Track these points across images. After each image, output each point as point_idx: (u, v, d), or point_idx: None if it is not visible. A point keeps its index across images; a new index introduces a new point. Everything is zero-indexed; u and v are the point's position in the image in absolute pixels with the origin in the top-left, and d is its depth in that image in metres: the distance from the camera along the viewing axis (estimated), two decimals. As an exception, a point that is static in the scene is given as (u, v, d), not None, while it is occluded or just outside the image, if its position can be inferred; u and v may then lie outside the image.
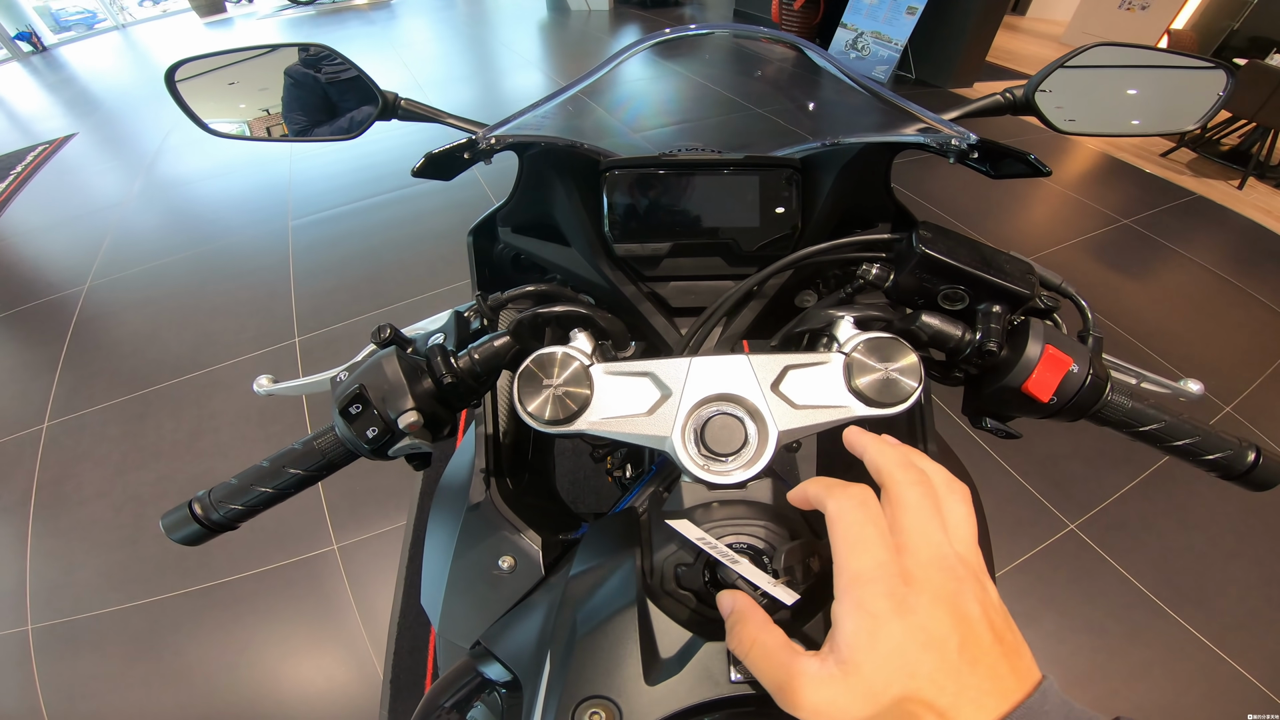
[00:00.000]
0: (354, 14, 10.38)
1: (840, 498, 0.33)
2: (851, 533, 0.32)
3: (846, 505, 0.33)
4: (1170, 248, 3.39)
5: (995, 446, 2.19)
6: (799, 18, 6.63)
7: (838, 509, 0.33)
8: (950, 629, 0.29)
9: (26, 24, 10.28)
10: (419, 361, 0.51)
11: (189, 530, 0.50)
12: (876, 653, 0.28)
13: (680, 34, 0.64)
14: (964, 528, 0.34)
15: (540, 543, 0.58)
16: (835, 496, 0.33)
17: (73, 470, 2.32)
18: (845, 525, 0.32)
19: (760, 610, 0.34)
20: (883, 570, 0.30)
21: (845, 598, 0.30)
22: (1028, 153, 0.51)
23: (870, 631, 0.29)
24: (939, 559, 0.31)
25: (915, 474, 0.34)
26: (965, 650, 0.28)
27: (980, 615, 0.30)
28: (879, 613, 0.29)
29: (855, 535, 0.32)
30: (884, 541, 0.31)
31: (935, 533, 0.32)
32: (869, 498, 0.33)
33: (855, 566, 0.31)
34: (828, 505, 0.34)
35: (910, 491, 0.33)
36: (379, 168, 4.30)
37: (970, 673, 0.28)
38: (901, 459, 0.36)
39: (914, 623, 0.29)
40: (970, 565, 0.32)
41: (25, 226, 4.24)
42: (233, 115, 0.68)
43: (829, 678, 0.29)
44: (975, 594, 0.30)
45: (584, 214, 0.67)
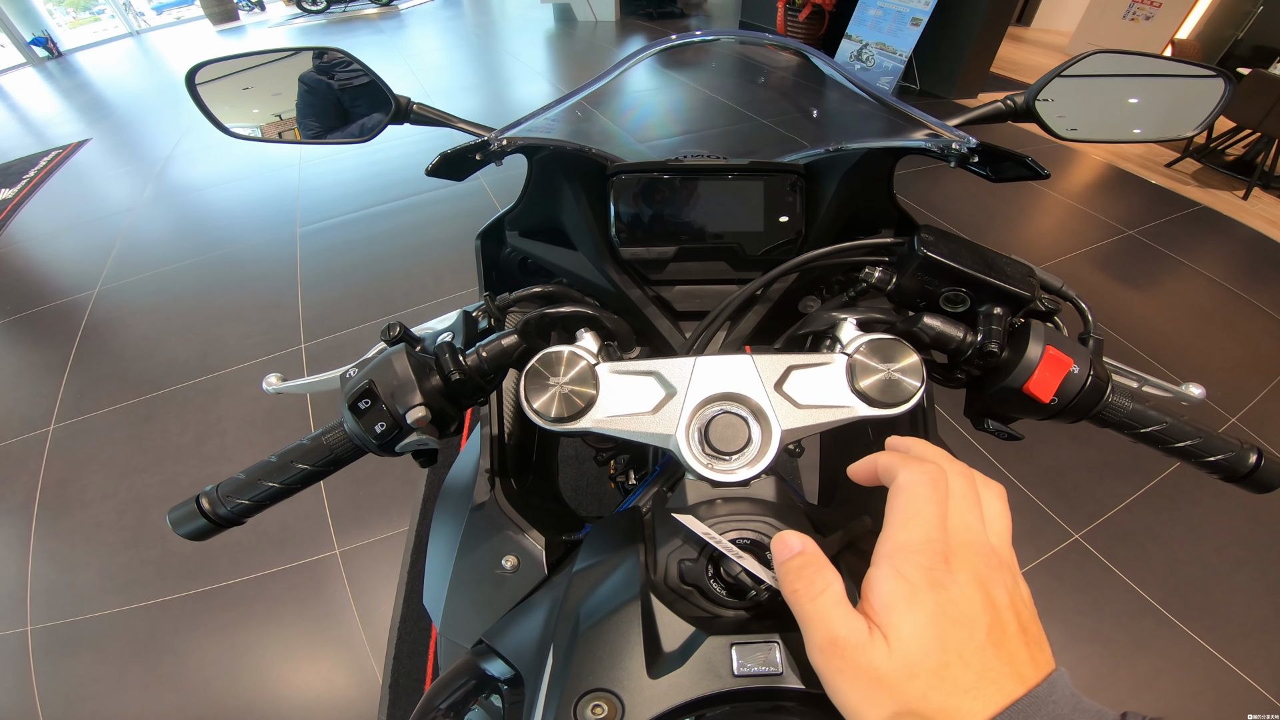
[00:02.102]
0: (363, 23, 10.50)
1: (915, 470, 0.34)
2: (911, 506, 0.33)
3: (918, 479, 0.34)
4: (1175, 258, 3.39)
5: (999, 455, 2.18)
6: (804, 29, 6.66)
7: (908, 480, 0.34)
8: (980, 610, 0.30)
9: (43, 29, 10.41)
10: (428, 359, 0.51)
11: (196, 525, 0.50)
12: (912, 619, 0.29)
13: (686, 40, 0.65)
14: (1000, 522, 0.35)
15: (544, 543, 0.59)
16: (910, 468, 0.34)
17: (78, 472, 2.33)
18: (909, 498, 0.33)
19: (825, 558, 0.34)
20: (929, 545, 0.31)
21: (884, 563, 0.31)
22: (1025, 155, 0.51)
23: (907, 598, 0.30)
24: (976, 545, 0.32)
25: (960, 466, 0.36)
26: (992, 633, 0.29)
27: (1008, 604, 0.31)
28: (916, 583, 0.30)
29: (914, 509, 0.33)
30: (939, 520, 0.32)
31: (975, 521, 0.33)
32: (940, 476, 0.34)
33: (903, 538, 0.32)
34: (899, 474, 0.34)
35: (956, 480, 0.35)
36: (387, 175, 4.34)
37: (994, 655, 0.29)
38: (947, 455, 0.37)
39: (947, 598, 0.30)
40: (1003, 557, 0.33)
41: (37, 231, 4.29)
42: (248, 119, 0.70)
43: (875, 642, 0.29)
44: (1006, 584, 0.32)
45: (591, 218, 0.68)
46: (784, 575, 0.34)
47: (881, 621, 0.30)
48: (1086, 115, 0.66)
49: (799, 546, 0.35)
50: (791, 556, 0.35)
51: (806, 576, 0.33)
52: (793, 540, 0.35)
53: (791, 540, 0.36)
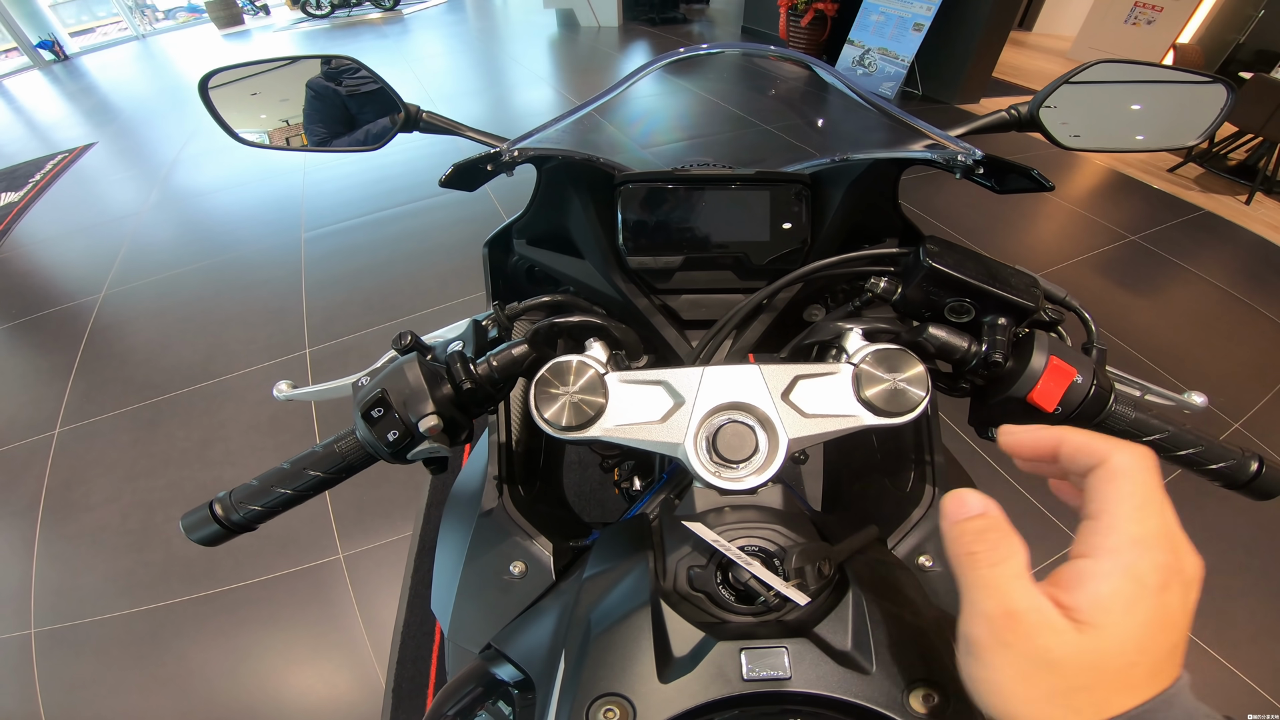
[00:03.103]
0: (367, 28, 10.54)
1: (1130, 451, 0.31)
2: (1140, 492, 0.30)
3: (1143, 464, 0.31)
4: (1178, 264, 3.39)
5: (1001, 462, 2.17)
6: (806, 34, 6.68)
7: (1131, 464, 0.30)
8: (1184, 615, 0.28)
9: (49, 32, 10.46)
10: (439, 368, 0.52)
11: (208, 530, 0.50)
12: (1130, 621, 0.27)
13: (693, 53, 0.66)
14: None
15: (551, 549, 0.59)
16: (1129, 451, 0.31)
17: (82, 476, 2.34)
18: (1136, 483, 0.30)
19: (1010, 525, 0.32)
20: (1165, 540, 0.29)
21: (1113, 558, 0.28)
22: (1031, 168, 0.52)
23: (1131, 599, 0.27)
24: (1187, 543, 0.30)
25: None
26: (1182, 637, 0.28)
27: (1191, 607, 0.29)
28: (1148, 584, 0.27)
29: (1144, 495, 0.29)
30: (1171, 511, 0.30)
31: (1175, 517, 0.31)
32: (1155, 460, 0.31)
33: (1137, 530, 0.29)
34: (1114, 457, 0.31)
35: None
36: (391, 181, 4.35)
37: (1170, 658, 0.28)
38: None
39: (1168, 601, 0.28)
40: None
41: (43, 235, 4.31)
42: (256, 125, 0.70)
43: (1061, 627, 0.27)
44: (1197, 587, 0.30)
45: (598, 227, 0.68)
46: (959, 535, 0.32)
47: (1089, 615, 0.27)
48: (1090, 124, 0.66)
49: (981, 508, 0.32)
50: (972, 517, 0.32)
51: (990, 541, 0.31)
52: (974, 500, 0.33)
53: (972, 500, 0.33)
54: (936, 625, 0.41)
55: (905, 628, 0.39)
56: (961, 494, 0.33)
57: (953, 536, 0.32)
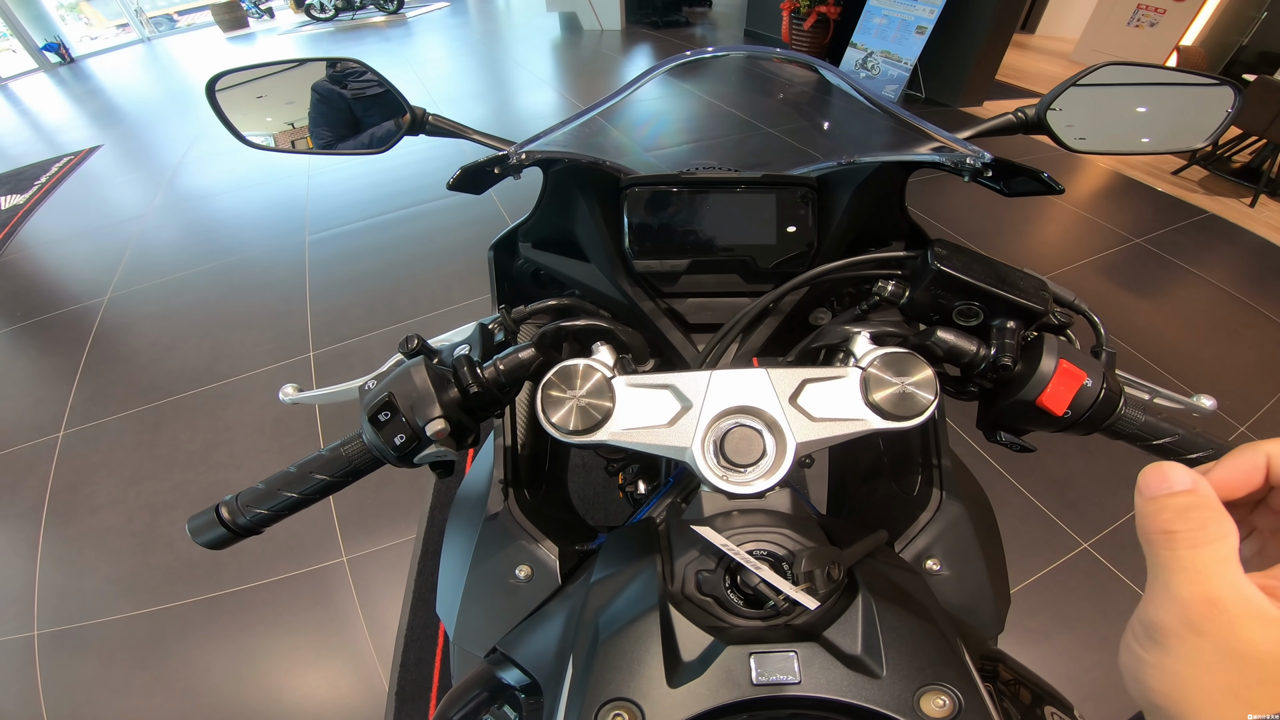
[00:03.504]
0: (371, 30, 10.57)
1: None
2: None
3: None
4: (1183, 266, 3.38)
5: (1007, 465, 2.17)
6: (809, 37, 6.69)
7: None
8: None
9: (55, 35, 10.50)
10: (446, 371, 0.52)
11: (215, 534, 0.50)
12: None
13: (699, 56, 0.66)
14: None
15: (557, 552, 0.59)
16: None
17: (87, 478, 2.34)
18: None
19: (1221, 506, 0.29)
20: None
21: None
22: (1041, 170, 0.52)
23: None
24: None
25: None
26: None
27: None
28: None
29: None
30: None
31: None
32: None
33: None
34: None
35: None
36: (395, 184, 4.36)
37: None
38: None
39: None
40: None
41: (49, 237, 4.33)
42: (262, 127, 0.70)
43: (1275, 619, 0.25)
44: None
45: (605, 230, 0.68)
46: (1157, 512, 0.29)
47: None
48: (1096, 126, 0.66)
49: (1188, 483, 0.29)
50: (1176, 492, 0.29)
51: (1195, 520, 0.28)
52: (1178, 475, 0.30)
53: (1177, 475, 0.30)
54: (946, 629, 0.41)
55: (915, 631, 0.39)
56: (1163, 467, 0.31)
57: (1148, 513, 0.30)
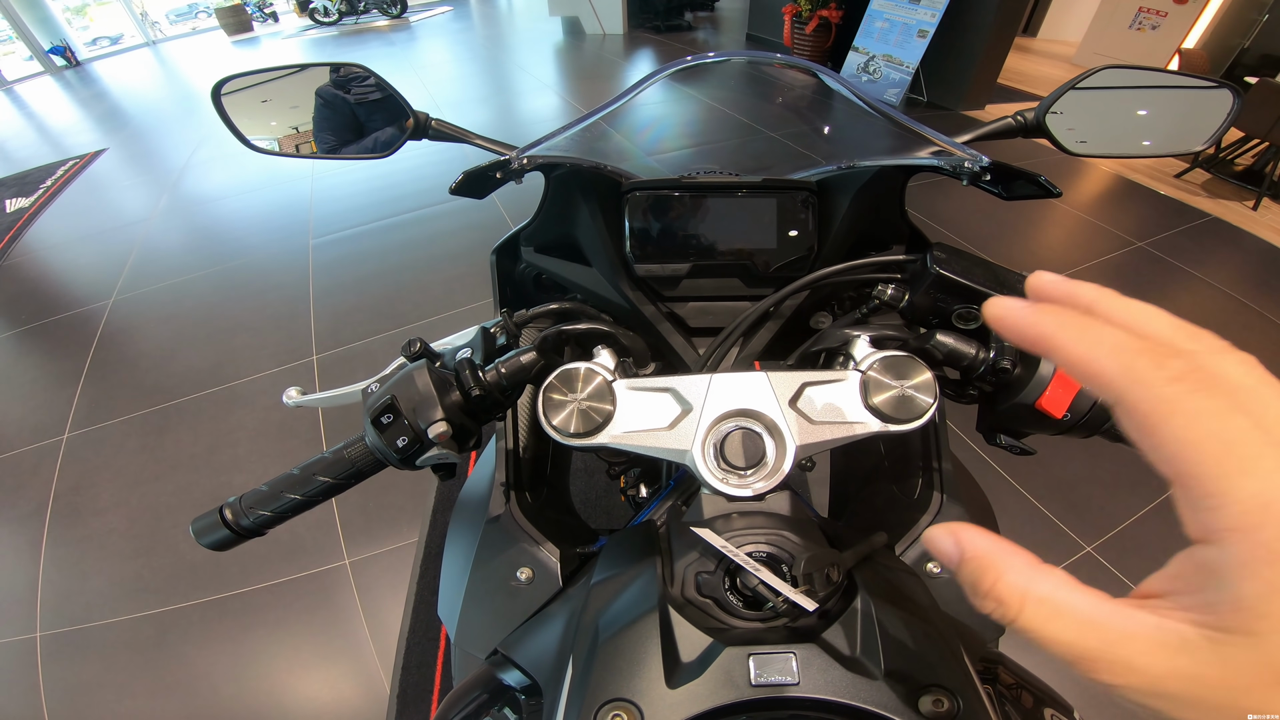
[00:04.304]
0: (375, 35, 10.63)
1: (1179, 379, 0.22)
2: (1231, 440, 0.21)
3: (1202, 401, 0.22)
4: (1185, 270, 3.37)
5: (1009, 469, 2.17)
6: (811, 41, 6.70)
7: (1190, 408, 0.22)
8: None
9: (61, 38, 10.56)
10: (448, 374, 0.52)
11: (218, 535, 0.51)
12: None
13: (700, 60, 0.66)
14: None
15: (559, 555, 0.59)
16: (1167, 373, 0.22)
17: (91, 480, 2.35)
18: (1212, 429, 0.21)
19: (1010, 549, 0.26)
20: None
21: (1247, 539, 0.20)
22: (1038, 174, 0.52)
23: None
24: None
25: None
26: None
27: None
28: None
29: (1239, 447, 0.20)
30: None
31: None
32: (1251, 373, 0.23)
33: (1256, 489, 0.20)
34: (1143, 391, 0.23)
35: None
36: (398, 188, 4.37)
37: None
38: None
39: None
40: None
41: (54, 240, 4.35)
42: (266, 131, 0.71)
43: (1194, 643, 0.21)
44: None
45: (606, 234, 0.69)
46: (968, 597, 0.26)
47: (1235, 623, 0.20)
48: (1096, 130, 0.66)
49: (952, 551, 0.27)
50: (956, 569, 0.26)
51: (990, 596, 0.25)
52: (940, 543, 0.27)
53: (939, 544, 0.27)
54: (945, 631, 0.41)
55: (914, 633, 0.39)
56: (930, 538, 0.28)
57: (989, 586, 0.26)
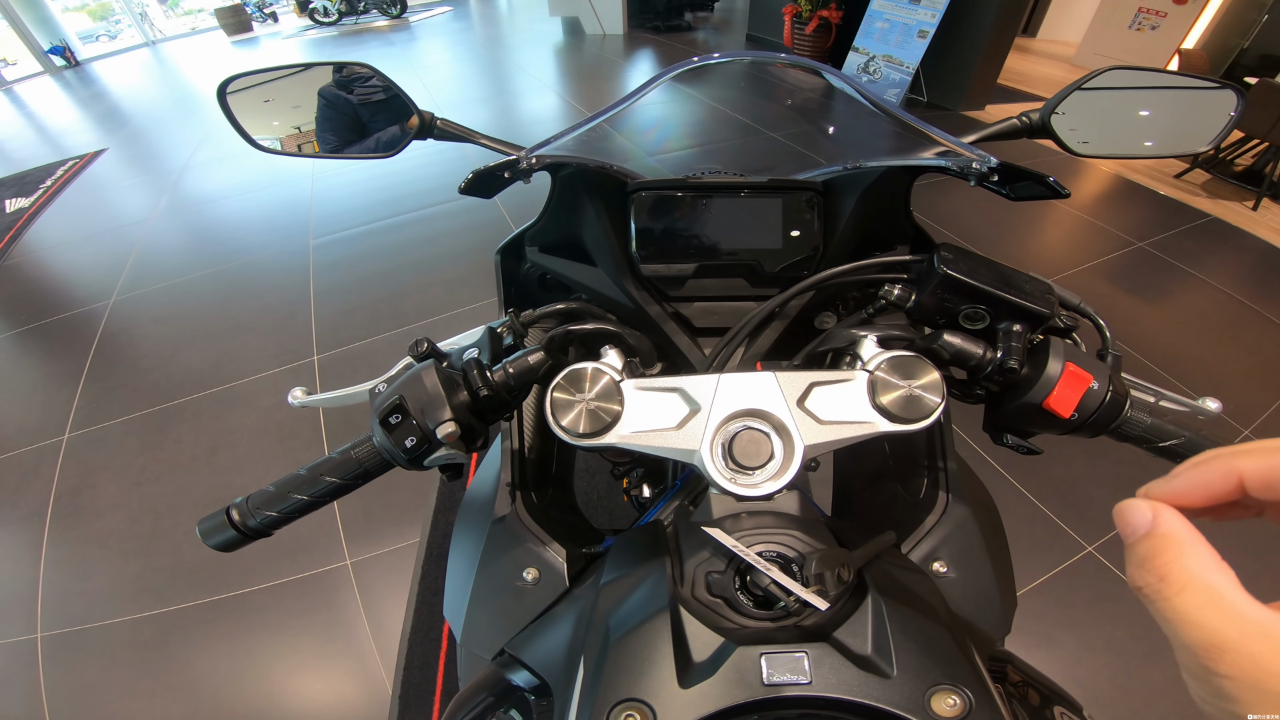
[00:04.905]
0: (374, 35, 10.62)
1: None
2: None
3: None
4: (1185, 270, 3.37)
5: (1011, 469, 2.17)
6: (811, 42, 6.70)
7: None
8: None
9: (60, 38, 10.54)
10: (456, 375, 0.52)
11: (225, 536, 0.51)
12: None
13: (705, 62, 0.66)
14: None
15: (565, 555, 0.59)
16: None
17: (91, 481, 2.35)
18: None
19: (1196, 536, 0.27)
20: None
21: None
22: (1047, 175, 0.52)
23: None
24: None
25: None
26: None
27: None
28: None
29: None
30: None
31: None
32: None
33: None
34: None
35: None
36: (399, 188, 4.37)
37: None
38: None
39: None
40: None
41: (54, 240, 4.34)
42: (269, 131, 0.71)
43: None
44: None
45: (612, 234, 0.69)
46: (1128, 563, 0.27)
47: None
48: (1100, 130, 0.66)
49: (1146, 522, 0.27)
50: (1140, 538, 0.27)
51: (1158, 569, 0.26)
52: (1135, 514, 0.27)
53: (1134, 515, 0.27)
54: (956, 630, 0.41)
55: (925, 632, 0.39)
56: (1123, 509, 0.28)
57: (1127, 561, 0.27)
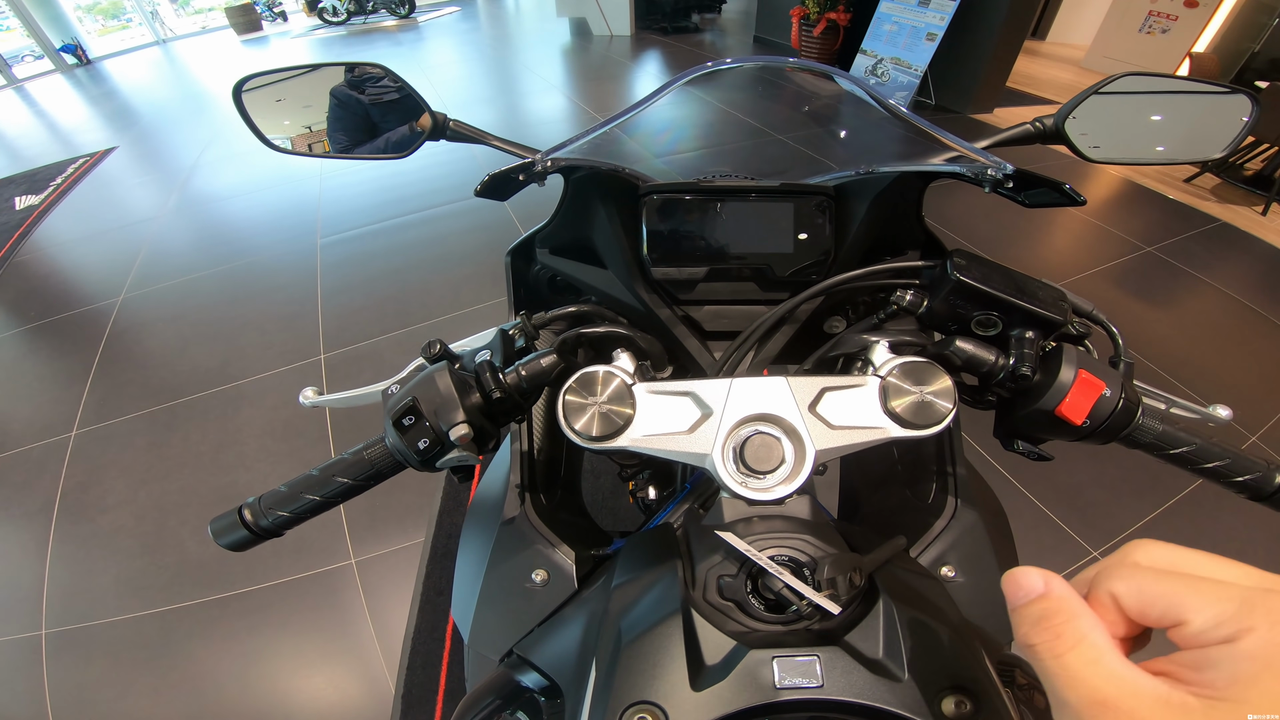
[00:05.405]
0: (383, 35, 10.66)
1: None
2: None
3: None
4: (1194, 275, 3.35)
5: (1017, 474, 2.16)
6: (819, 44, 6.69)
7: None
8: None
9: (72, 36, 10.60)
10: (468, 376, 0.52)
11: (237, 536, 0.51)
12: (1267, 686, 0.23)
13: (719, 67, 0.66)
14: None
15: (574, 557, 0.60)
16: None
17: (98, 478, 2.36)
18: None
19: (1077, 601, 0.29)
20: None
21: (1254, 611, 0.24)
22: (1063, 182, 0.52)
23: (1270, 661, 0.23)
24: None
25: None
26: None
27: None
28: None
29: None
30: None
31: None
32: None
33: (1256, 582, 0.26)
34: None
35: None
36: (406, 188, 4.38)
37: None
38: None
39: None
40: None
41: (64, 238, 4.37)
42: (280, 130, 0.71)
43: (1184, 707, 0.24)
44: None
45: (623, 237, 0.69)
46: (1018, 625, 0.29)
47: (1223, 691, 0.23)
48: (1112, 136, 0.66)
49: (1040, 587, 0.29)
50: (1032, 601, 0.29)
51: (1051, 629, 0.28)
52: (1029, 580, 0.30)
53: (1027, 580, 0.30)
54: (965, 634, 0.41)
55: (935, 636, 0.39)
56: (1015, 575, 0.30)
57: (1014, 625, 0.30)
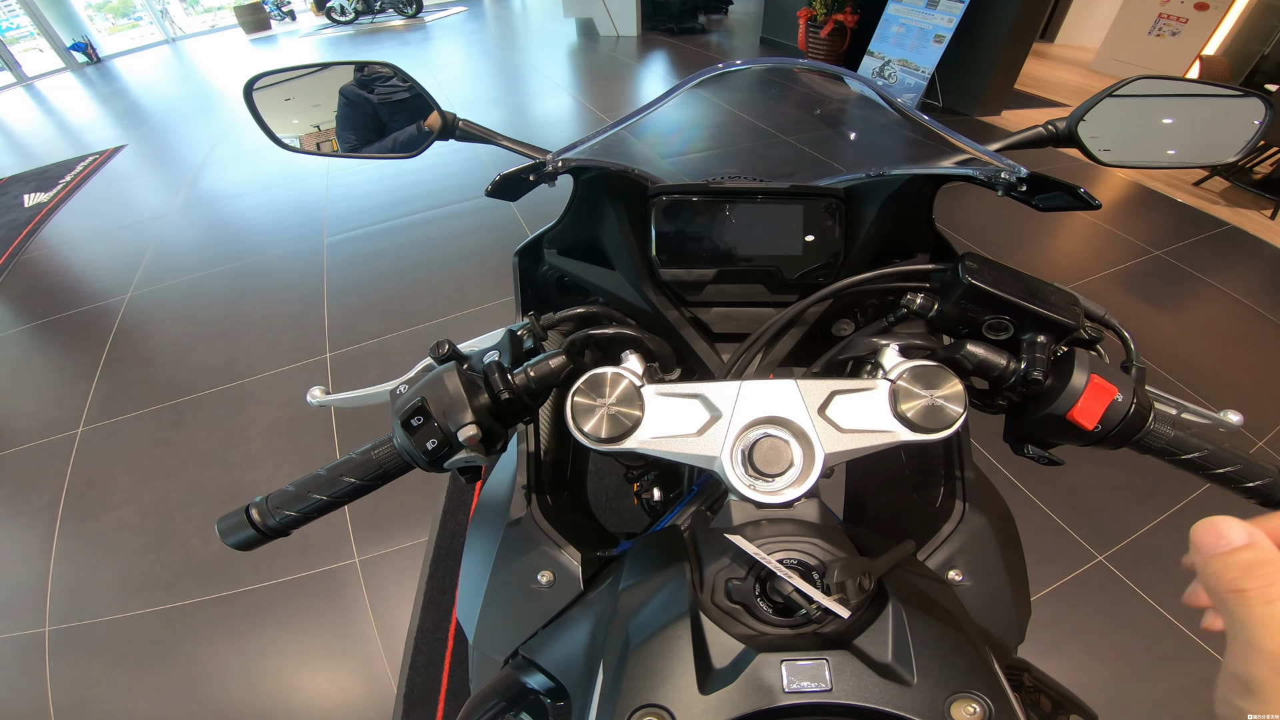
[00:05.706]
0: (390, 34, 10.69)
1: None
2: None
3: None
4: (1203, 279, 3.33)
5: (1022, 477, 2.15)
6: (825, 46, 6.68)
7: None
8: None
9: (83, 34, 10.67)
10: (477, 377, 0.52)
11: (244, 535, 0.51)
12: None
13: (730, 69, 0.66)
14: None
15: (580, 559, 0.59)
16: None
17: (103, 475, 2.37)
18: None
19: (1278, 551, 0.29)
20: None
21: None
22: (1077, 185, 0.51)
23: None
24: None
25: None
26: None
27: None
28: None
29: None
30: None
31: None
32: None
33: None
34: None
35: None
36: (412, 187, 4.39)
37: None
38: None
39: None
40: None
41: (72, 235, 4.39)
42: (290, 130, 0.71)
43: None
44: None
45: (632, 238, 0.69)
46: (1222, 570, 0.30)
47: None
48: (1124, 139, 0.65)
49: (1245, 538, 0.30)
50: (1237, 548, 0.30)
51: (1264, 575, 0.28)
52: (1234, 530, 0.30)
53: (1232, 530, 0.30)
54: (975, 637, 0.41)
55: (945, 640, 0.39)
56: (1217, 523, 0.31)
57: (1214, 571, 0.30)
